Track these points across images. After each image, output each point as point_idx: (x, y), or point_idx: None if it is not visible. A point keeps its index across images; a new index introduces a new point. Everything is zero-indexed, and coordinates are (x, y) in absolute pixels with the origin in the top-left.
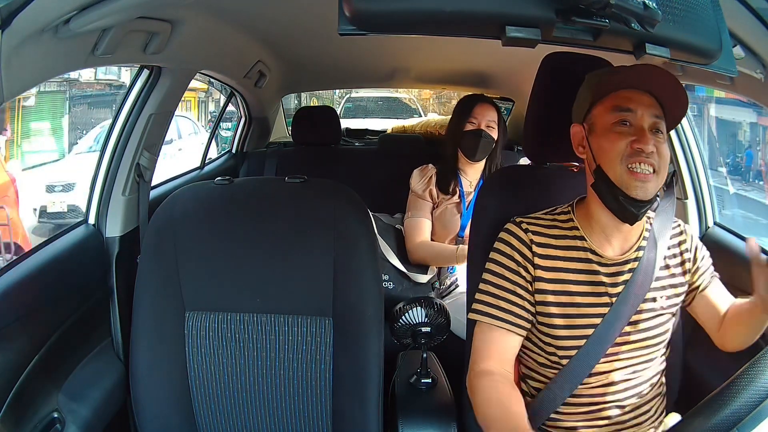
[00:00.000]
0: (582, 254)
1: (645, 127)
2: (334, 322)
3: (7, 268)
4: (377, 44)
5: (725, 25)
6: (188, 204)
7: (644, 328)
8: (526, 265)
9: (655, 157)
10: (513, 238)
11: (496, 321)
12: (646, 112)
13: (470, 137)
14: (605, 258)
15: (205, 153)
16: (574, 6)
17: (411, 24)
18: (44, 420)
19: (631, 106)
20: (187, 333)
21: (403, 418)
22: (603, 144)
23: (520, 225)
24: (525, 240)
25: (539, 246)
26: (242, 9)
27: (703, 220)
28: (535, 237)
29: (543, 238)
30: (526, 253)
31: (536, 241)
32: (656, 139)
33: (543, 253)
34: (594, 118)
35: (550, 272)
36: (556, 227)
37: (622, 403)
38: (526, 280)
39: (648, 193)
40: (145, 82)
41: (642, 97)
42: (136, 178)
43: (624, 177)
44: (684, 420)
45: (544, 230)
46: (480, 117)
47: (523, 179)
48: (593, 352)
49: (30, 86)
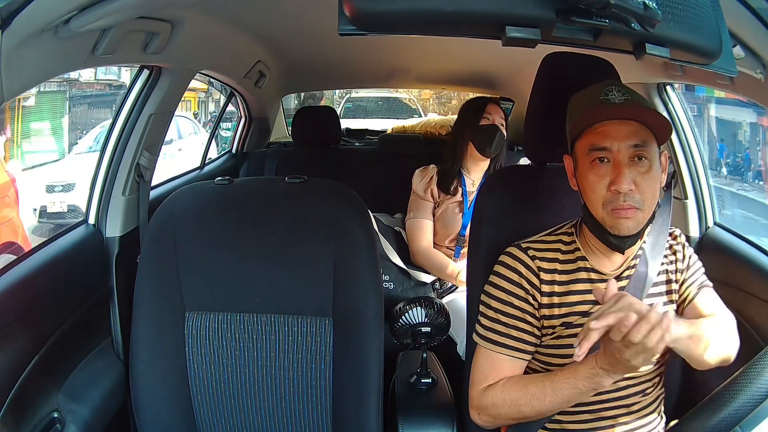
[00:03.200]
0: (585, 275)
1: (623, 163)
2: (334, 322)
3: (7, 268)
4: (377, 44)
5: (725, 25)
6: (188, 204)
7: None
8: (534, 293)
9: (634, 195)
10: (519, 264)
11: (503, 349)
12: (623, 145)
13: (487, 131)
14: (606, 274)
15: (205, 153)
16: (574, 6)
17: (411, 24)
18: (44, 420)
19: (606, 144)
20: (187, 333)
21: (403, 418)
22: (584, 186)
23: (527, 252)
24: (532, 267)
25: (546, 272)
26: (242, 9)
27: (703, 220)
28: (542, 263)
29: (549, 263)
30: (534, 281)
31: (543, 267)
32: (638, 170)
33: (549, 279)
34: (576, 154)
35: (557, 297)
36: (560, 251)
37: (623, 402)
38: (534, 307)
39: (631, 229)
40: (145, 82)
41: (619, 128)
42: (136, 178)
43: (606, 218)
44: (684, 420)
45: (549, 255)
46: (495, 114)
47: (523, 179)
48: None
49: (30, 86)
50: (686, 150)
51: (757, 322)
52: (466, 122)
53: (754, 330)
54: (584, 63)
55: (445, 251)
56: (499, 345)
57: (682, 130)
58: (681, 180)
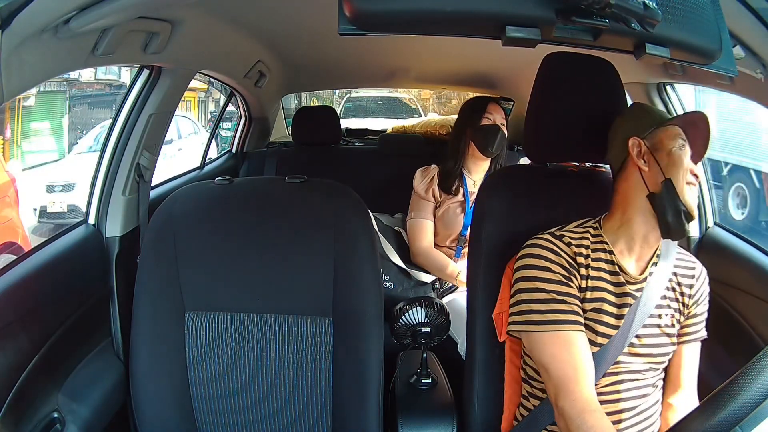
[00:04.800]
0: (612, 267)
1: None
2: (334, 322)
3: (7, 268)
4: (377, 44)
5: (725, 25)
6: (188, 204)
7: (647, 344)
8: (575, 275)
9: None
10: (558, 249)
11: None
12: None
13: (489, 131)
14: (629, 276)
15: (205, 153)
16: (574, 6)
17: (411, 24)
18: (44, 420)
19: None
20: (187, 333)
21: (403, 418)
22: (675, 161)
23: (561, 239)
24: (569, 253)
25: (583, 258)
26: (242, 9)
27: (703, 220)
28: (577, 249)
29: (584, 249)
30: (574, 264)
31: (579, 252)
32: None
33: (584, 273)
34: (660, 137)
35: (590, 291)
36: (589, 241)
37: (625, 405)
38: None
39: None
40: (145, 82)
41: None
42: (136, 178)
43: (686, 194)
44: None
45: (584, 242)
46: (496, 114)
47: (523, 179)
48: (604, 362)
49: (30, 86)
50: None
51: (757, 322)
52: (467, 122)
53: (754, 330)
54: (584, 63)
55: (446, 251)
56: (568, 323)
57: None
58: None
